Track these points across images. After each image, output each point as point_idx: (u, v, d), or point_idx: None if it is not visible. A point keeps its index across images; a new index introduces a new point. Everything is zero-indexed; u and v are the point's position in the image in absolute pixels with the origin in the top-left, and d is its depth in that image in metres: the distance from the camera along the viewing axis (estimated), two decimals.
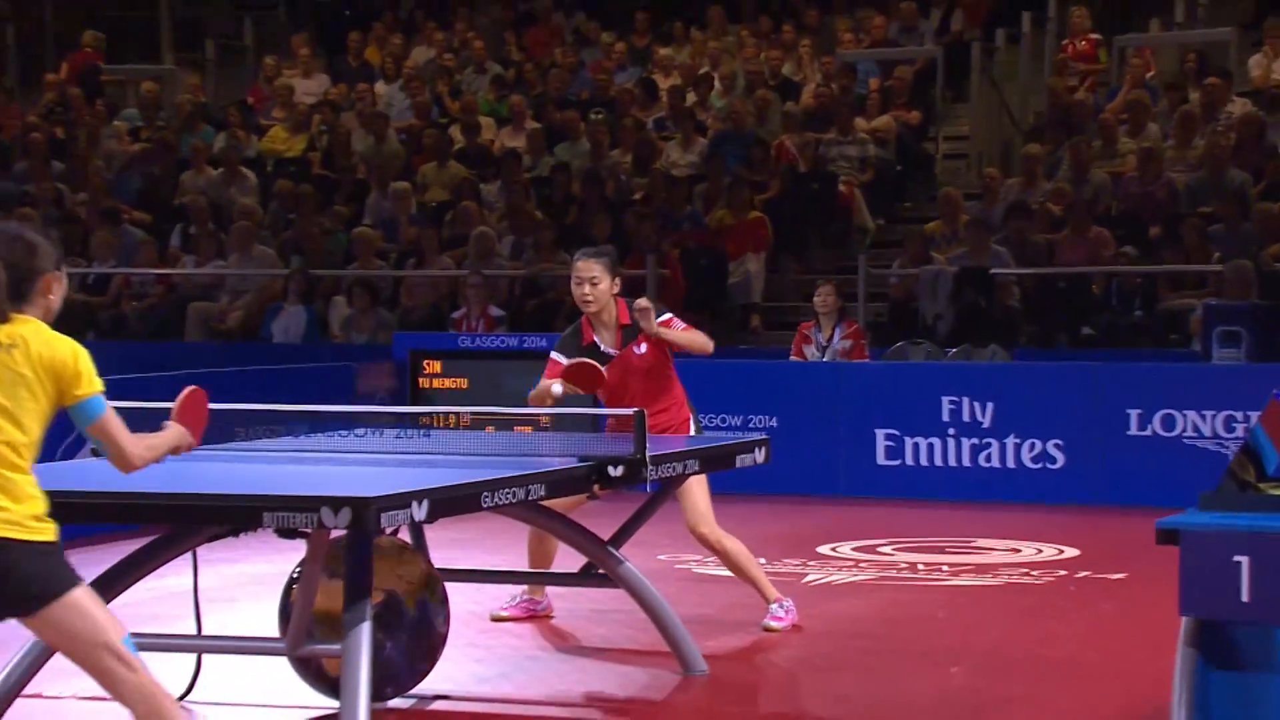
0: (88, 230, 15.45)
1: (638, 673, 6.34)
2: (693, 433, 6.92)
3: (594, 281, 6.75)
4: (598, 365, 6.59)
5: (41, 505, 4.13)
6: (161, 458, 4.31)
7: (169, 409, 4.50)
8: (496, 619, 7.06)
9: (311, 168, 16.34)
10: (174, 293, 14.91)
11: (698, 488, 6.65)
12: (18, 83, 19.25)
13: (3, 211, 15.91)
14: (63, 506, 4.94)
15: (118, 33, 19.38)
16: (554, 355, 6.82)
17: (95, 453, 5.83)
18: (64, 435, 9.50)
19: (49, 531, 4.10)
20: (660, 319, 6.76)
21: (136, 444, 4.18)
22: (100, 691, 4.11)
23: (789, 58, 16.83)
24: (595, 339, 6.81)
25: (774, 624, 6.88)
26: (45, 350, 4.10)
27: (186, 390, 4.51)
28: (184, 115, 17.37)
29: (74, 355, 4.10)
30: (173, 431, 4.38)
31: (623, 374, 6.78)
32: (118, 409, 5.73)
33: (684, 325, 6.87)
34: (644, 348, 6.79)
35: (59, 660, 5.16)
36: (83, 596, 4.05)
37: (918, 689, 6.06)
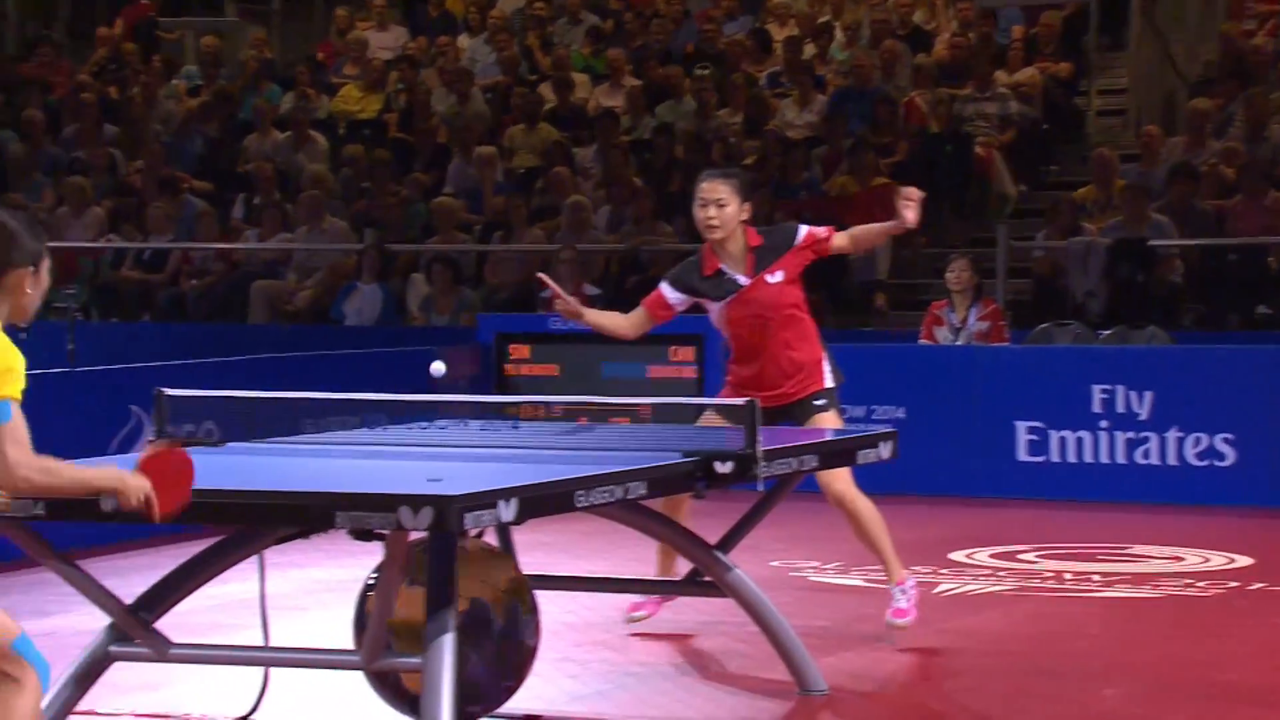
0: (144, 201, 15.70)
1: (749, 692, 6.35)
2: (828, 380, 6.84)
3: (720, 204, 6.73)
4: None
5: None
6: (72, 489, 4.07)
7: (230, 397, 4.52)
8: (633, 621, 7.03)
9: (388, 131, 16.49)
10: (236, 270, 15.11)
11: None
12: (67, 37, 19.60)
13: (52, 179, 16.23)
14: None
15: None
16: (662, 286, 6.84)
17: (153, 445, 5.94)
18: (117, 428, 9.70)
19: None
20: (803, 235, 6.72)
21: (31, 460, 3.96)
22: (159, 708, 4.19)
23: (920, 4, 16.72)
24: (721, 266, 6.78)
25: (897, 620, 6.84)
26: None
27: (165, 446, 4.33)
28: (248, 73, 17.59)
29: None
30: (113, 473, 4.11)
31: (756, 307, 6.76)
32: (174, 396, 5.82)
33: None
34: (778, 275, 6.74)
35: (115, 674, 5.27)
36: None
37: (1066, 714, 6.01)
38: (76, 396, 9.27)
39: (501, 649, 5.66)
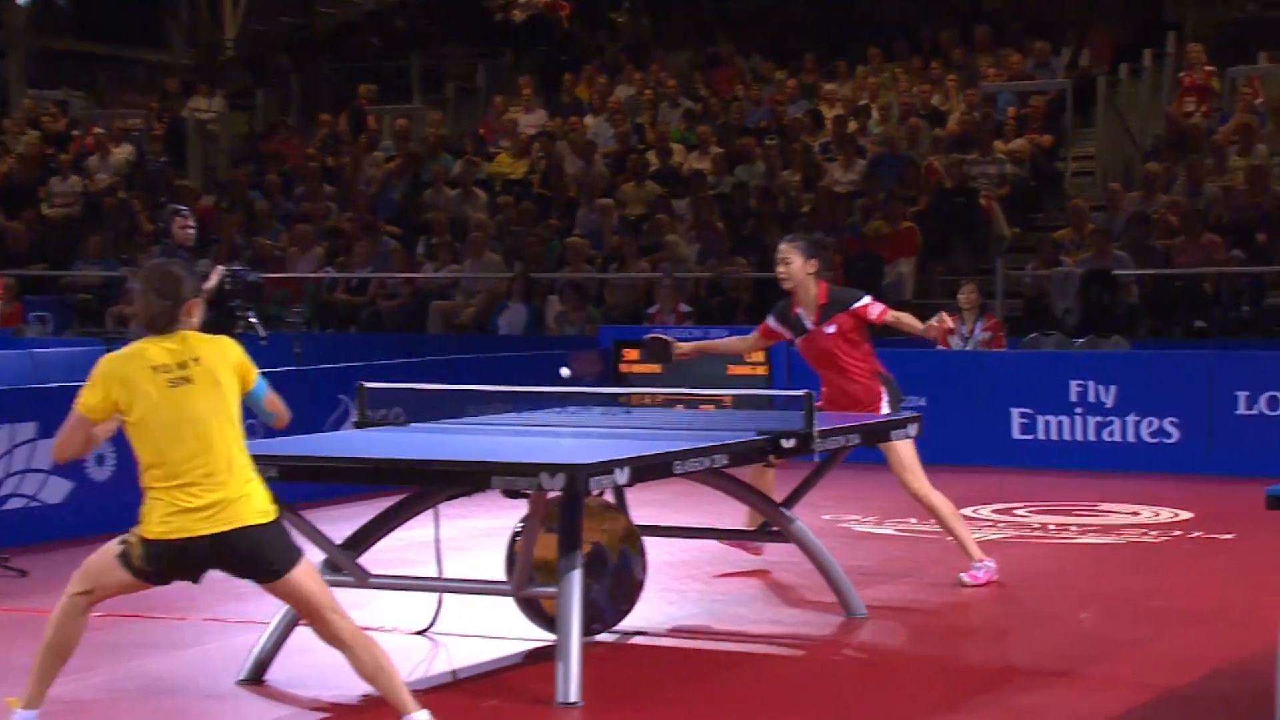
0: (350, 241, 15.81)
1: (807, 614, 6.27)
2: (885, 408, 6.65)
3: (786, 261, 6.68)
4: (666, 340, 6.59)
5: (267, 490, 4.22)
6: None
7: (413, 389, 4.54)
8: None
9: (532, 187, 16.51)
10: (419, 293, 15.20)
11: (904, 446, 6.47)
12: (298, 122, 19.82)
13: (284, 226, 16.40)
14: (330, 469, 5.06)
15: (375, 77, 19.83)
16: (769, 318, 6.80)
17: (357, 424, 5.94)
18: (330, 409, 9.73)
19: (276, 511, 4.19)
20: (859, 304, 6.57)
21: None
22: (362, 621, 4.17)
23: (937, 90, 16.52)
24: (799, 311, 6.71)
25: (966, 579, 6.65)
26: (219, 352, 4.16)
27: None
28: (429, 145, 17.69)
29: (237, 348, 4.21)
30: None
31: (816, 349, 6.66)
32: (372, 388, 5.84)
33: (883, 311, 6.61)
34: (832, 329, 6.61)
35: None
36: (307, 565, 4.15)
37: (1053, 631, 5.91)
38: (301, 389, 9.34)
39: (616, 581, 5.63)
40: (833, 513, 8.45)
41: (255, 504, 4.14)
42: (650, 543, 6.00)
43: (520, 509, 5.23)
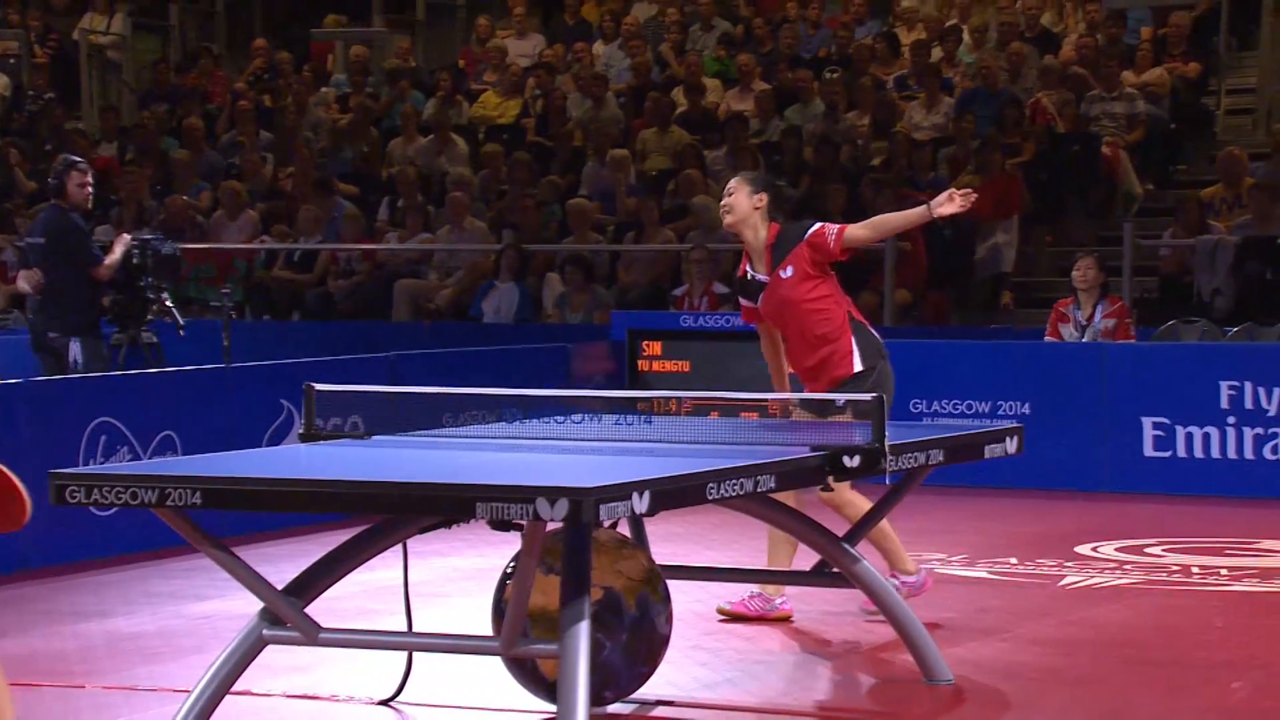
0: (293, 204, 15.92)
1: (876, 681, 6.32)
2: (856, 364, 6.78)
3: (729, 193, 6.89)
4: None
5: None
6: None
7: (375, 392, 4.55)
8: (723, 613, 7.10)
9: (525, 135, 16.60)
10: (381, 269, 15.28)
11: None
12: (226, 49, 19.93)
13: (208, 183, 16.52)
14: (270, 495, 5.12)
15: None
16: (740, 301, 7.01)
17: (304, 437, 6.03)
18: (269, 421, 9.85)
19: None
20: (812, 230, 6.74)
21: None
22: (309, 689, 4.24)
23: (1048, 6, 16.52)
24: (748, 268, 6.90)
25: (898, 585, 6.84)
26: None
27: None
28: (394, 80, 17.75)
29: None
30: None
31: (777, 303, 6.81)
32: (322, 390, 5.90)
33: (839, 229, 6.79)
34: (789, 271, 6.77)
35: (268, 656, 5.35)
36: None
37: (1193, 706, 5.93)
38: (231, 391, 9.42)
39: (634, 636, 5.67)
40: (911, 550, 8.49)
41: None
42: (676, 588, 6.07)
43: (512, 544, 5.30)
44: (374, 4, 19.87)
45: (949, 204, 6.63)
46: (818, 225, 6.83)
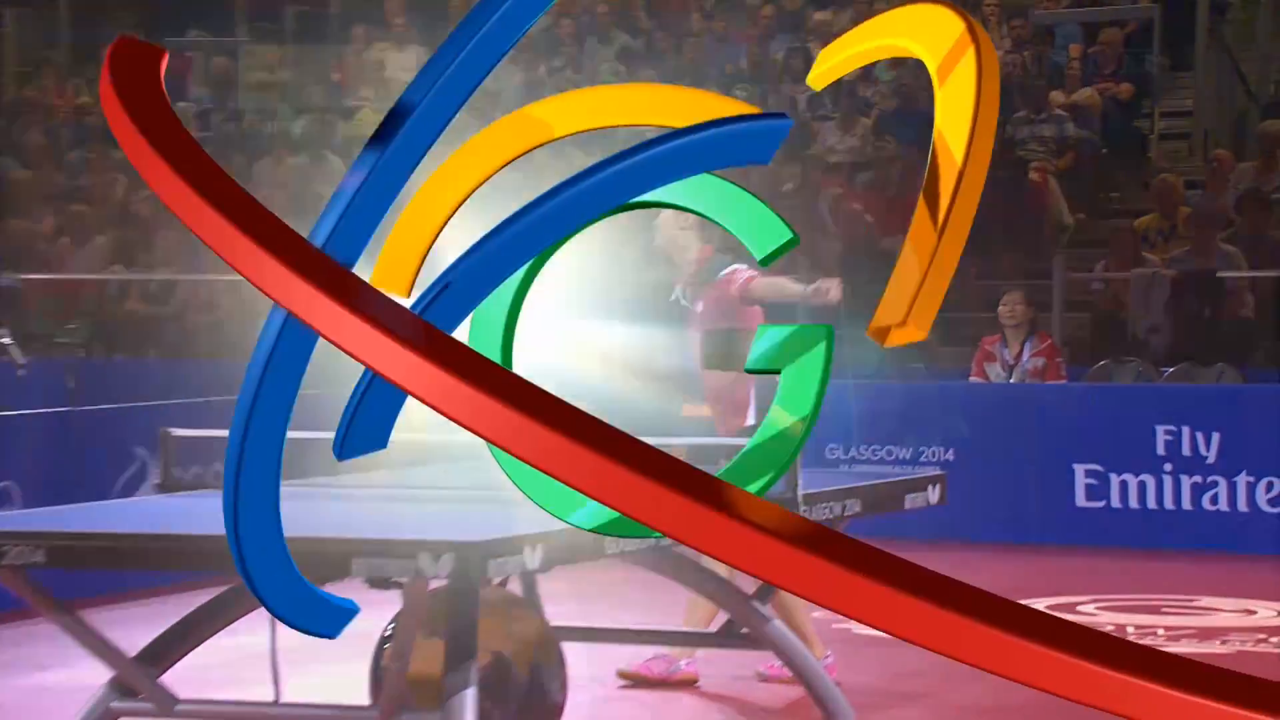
0: (149, 230, 15.76)
1: None
2: (750, 418, 6.88)
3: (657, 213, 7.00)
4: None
5: None
6: None
7: None
8: (624, 676, 7.08)
9: None
10: (246, 304, 15.16)
11: None
12: (70, 58, 19.71)
13: (51, 207, 16.31)
14: (121, 552, 5.06)
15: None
16: None
17: (160, 487, 5.96)
18: (120, 471, 9.72)
19: None
20: (724, 273, 6.88)
21: None
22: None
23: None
24: (676, 291, 7.12)
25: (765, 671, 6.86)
26: None
27: None
28: (261, 96, 17.65)
29: None
30: None
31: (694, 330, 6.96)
32: (181, 436, 5.83)
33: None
34: (700, 305, 6.92)
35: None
36: None
37: None
38: (78, 437, 9.29)
39: (525, 705, 5.65)
40: (826, 609, 8.51)
41: None
42: (572, 649, 6.04)
43: (393, 604, 5.26)
44: (237, 9, 19.78)
45: (832, 295, 6.77)
46: (731, 268, 6.95)
